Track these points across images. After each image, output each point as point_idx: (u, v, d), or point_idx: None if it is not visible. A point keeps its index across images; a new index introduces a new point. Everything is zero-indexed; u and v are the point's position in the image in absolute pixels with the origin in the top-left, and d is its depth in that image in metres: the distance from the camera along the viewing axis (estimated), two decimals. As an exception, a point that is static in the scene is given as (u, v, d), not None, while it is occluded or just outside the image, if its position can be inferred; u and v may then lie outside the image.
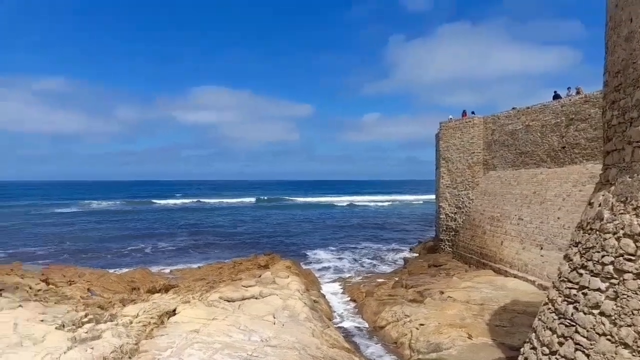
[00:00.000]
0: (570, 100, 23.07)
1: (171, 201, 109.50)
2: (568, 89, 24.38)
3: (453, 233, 31.16)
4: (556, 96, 24.92)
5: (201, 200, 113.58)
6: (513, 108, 26.97)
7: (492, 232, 26.03)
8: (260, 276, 23.58)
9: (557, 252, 20.45)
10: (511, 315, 17.05)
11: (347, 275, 32.32)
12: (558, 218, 21.31)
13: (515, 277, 21.80)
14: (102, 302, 20.60)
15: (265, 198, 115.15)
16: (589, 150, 21.64)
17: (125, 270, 29.22)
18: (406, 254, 40.10)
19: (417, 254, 38.03)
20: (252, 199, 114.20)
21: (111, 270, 29.44)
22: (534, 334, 8.65)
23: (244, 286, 21.17)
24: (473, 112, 31.24)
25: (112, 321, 17.54)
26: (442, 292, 20.62)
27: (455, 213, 31.18)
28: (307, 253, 40.94)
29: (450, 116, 32.70)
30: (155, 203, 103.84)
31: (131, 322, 17.62)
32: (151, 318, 18.10)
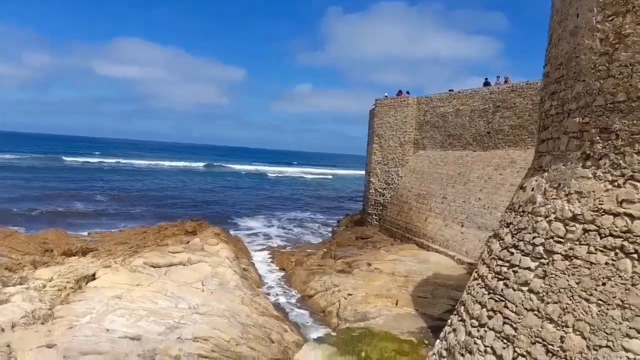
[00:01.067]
0: (498, 88, 24.34)
1: (89, 159, 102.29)
2: (497, 77, 25.73)
3: (381, 208, 32.21)
4: (486, 83, 26.18)
5: (122, 161, 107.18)
6: (450, 90, 27.91)
7: (417, 208, 27.24)
8: (188, 242, 22.90)
9: (475, 230, 21.90)
10: (433, 287, 18.08)
11: (276, 244, 32.40)
12: (479, 199, 22.72)
13: (437, 251, 23.10)
14: (9, 264, 18.89)
15: (194, 164, 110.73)
16: (511, 137, 23.11)
17: (36, 231, 26.97)
18: (334, 226, 40.95)
19: (344, 226, 38.97)
20: (179, 163, 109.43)
21: (20, 230, 27.04)
22: (462, 307, 9.17)
23: (170, 252, 20.45)
24: (408, 92, 32.02)
25: (22, 284, 16.20)
26: (369, 264, 21.35)
27: (384, 189, 32.17)
28: (237, 221, 40.41)
29: (386, 94, 33.28)
30: (70, 161, 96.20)
31: (44, 286, 16.39)
32: (67, 282, 16.96)
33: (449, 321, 9.95)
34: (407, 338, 13.71)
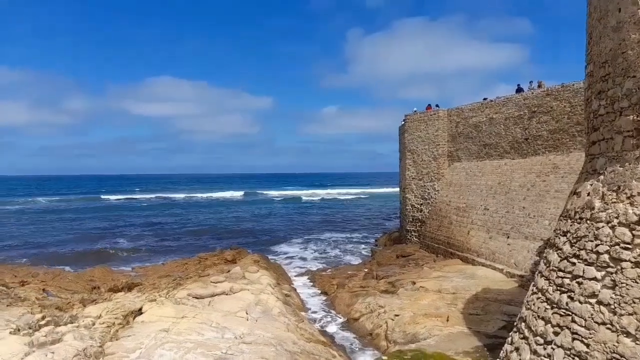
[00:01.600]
0: (532, 93, 23.69)
1: (127, 196, 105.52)
2: (530, 82, 25.07)
3: (419, 224, 31.55)
4: (519, 89, 25.55)
5: (161, 195, 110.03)
6: (484, 99, 27.34)
7: (458, 222, 26.51)
8: (229, 271, 22.95)
9: (523, 241, 21.04)
10: (484, 304, 17.34)
11: (315, 267, 32.12)
12: (523, 207, 21.90)
13: (483, 265, 22.28)
14: (60, 303, 19.40)
15: (228, 194, 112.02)
16: (550, 142, 22.31)
17: (82, 269, 27.71)
18: (372, 245, 40.39)
19: (382, 245, 38.37)
20: (214, 194, 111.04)
21: (67, 269, 27.88)
22: (523, 323, 8.68)
23: (212, 282, 20.51)
24: (437, 105, 31.63)
25: (72, 323, 16.51)
26: (414, 283, 20.77)
27: (421, 204, 31.56)
28: (274, 247, 40.44)
29: (415, 109, 32.99)
30: (109, 199, 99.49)
31: (94, 324, 16.65)
32: (115, 318, 17.18)
33: (509, 339, 9.43)
34: (462, 358, 13.10)
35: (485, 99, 27.49)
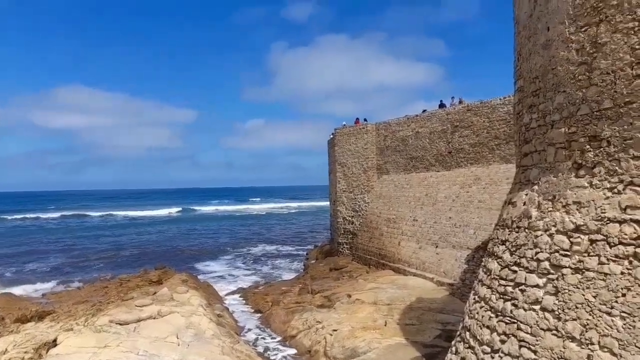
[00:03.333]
0: (454, 108, 25.01)
1: (37, 215, 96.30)
2: (452, 98, 26.48)
3: (351, 236, 31.86)
4: (441, 105, 26.87)
5: (74, 213, 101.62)
6: (406, 116, 28.41)
7: (389, 233, 27.09)
8: (155, 293, 21.48)
9: (450, 250, 21.90)
10: (418, 313, 17.68)
11: (247, 284, 31.16)
12: (450, 218, 22.85)
13: (414, 275, 22.85)
14: (-46, 341, 16.90)
15: (149, 212, 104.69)
16: (472, 155, 23.61)
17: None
18: (303, 258, 40.14)
19: (314, 259, 38.23)
20: (134, 213, 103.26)
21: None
22: (467, 332, 8.81)
23: (138, 306, 19.04)
24: (365, 119, 32.41)
25: (-29, 363, 14.44)
26: (349, 295, 20.75)
27: (352, 216, 31.94)
28: (201, 264, 38.77)
29: (344, 122, 33.52)
30: (13, 219, 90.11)
31: (-2, 361, 14.69)
32: (25, 353, 15.26)
33: (453, 349, 9.54)
34: (403, 370, 13.13)
35: (406, 116, 28.57)
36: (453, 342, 9.92)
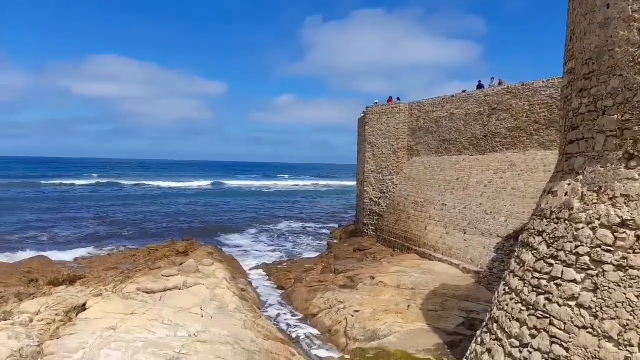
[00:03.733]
0: (493, 90, 24.03)
1: (72, 181, 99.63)
2: (492, 79, 25.47)
3: (377, 217, 31.55)
4: (480, 86, 25.89)
5: (107, 181, 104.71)
6: (442, 97, 27.45)
7: (416, 217, 26.65)
8: (181, 264, 21.85)
9: (479, 237, 21.34)
10: (442, 299, 17.39)
11: (271, 260, 31.45)
12: (480, 204, 22.21)
13: (440, 260, 22.46)
14: (-8, 298, 17.68)
15: (177, 184, 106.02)
16: (509, 140, 22.73)
17: (18, 259, 25.59)
18: (328, 238, 40.17)
19: (338, 238, 38.21)
20: (164, 183, 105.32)
21: (0, 259, 25.65)
22: (494, 324, 8.49)
23: (164, 276, 19.41)
24: (399, 99, 31.64)
25: (6, 320, 15.04)
26: (373, 277, 20.59)
27: (380, 198, 31.56)
28: (228, 238, 39.33)
29: (376, 101, 32.86)
30: (49, 184, 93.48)
31: (31, 321, 15.24)
32: (56, 315, 15.82)
33: (478, 339, 9.25)
34: (424, 357, 12.96)
35: (443, 97, 27.59)
36: (478, 333, 9.63)
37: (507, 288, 8.76)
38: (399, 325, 15.50)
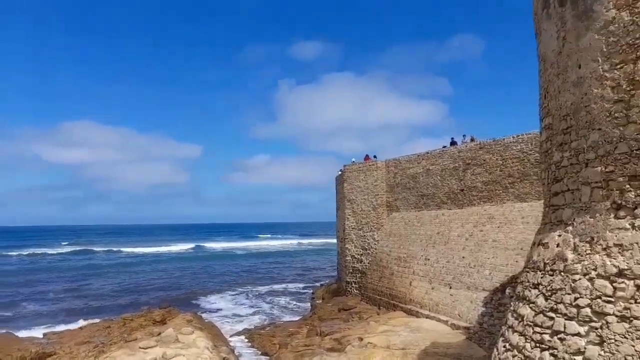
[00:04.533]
0: (466, 146, 24.86)
1: (35, 250, 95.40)
2: (463, 136, 26.40)
3: (360, 275, 31.11)
4: (453, 142, 26.76)
5: (78, 248, 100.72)
6: (417, 154, 28.22)
7: (400, 272, 26.40)
8: (159, 334, 20.71)
9: (465, 291, 21.18)
10: (434, 359, 16.87)
11: (252, 325, 30.28)
12: (463, 257, 22.24)
13: (427, 317, 22.04)
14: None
15: (149, 249, 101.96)
16: (485, 193, 23.24)
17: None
18: (309, 297, 39.18)
19: (321, 298, 37.28)
20: (139, 249, 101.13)
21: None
22: (499, 383, 8.20)
23: (142, 348, 18.33)
24: (375, 156, 32.34)
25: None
26: (361, 339, 19.92)
27: (361, 254, 31.30)
28: (206, 302, 37.94)
29: (353, 159, 33.44)
30: (13, 255, 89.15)
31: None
32: (23, 399, 14.57)
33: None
34: (424, 422, 12.32)
35: (418, 153, 28.30)
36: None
37: (507, 345, 8.56)
38: (393, 390, 14.85)
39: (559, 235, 8.11)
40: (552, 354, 7.10)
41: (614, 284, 6.57)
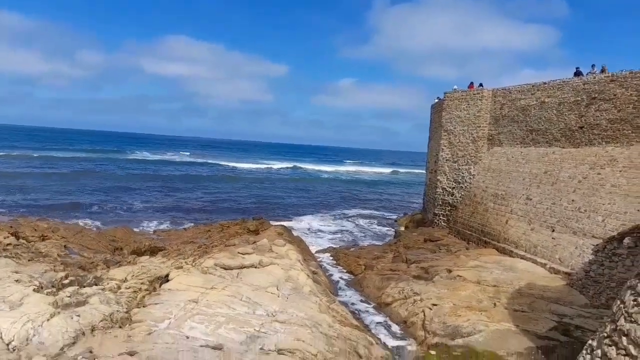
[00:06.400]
0: (594, 77, 21.93)
1: (144, 155, 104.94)
2: (592, 66, 23.22)
3: (449, 208, 30.29)
4: (577, 73, 23.75)
5: (174, 157, 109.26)
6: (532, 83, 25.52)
7: (495, 210, 25.19)
8: (254, 243, 22.05)
9: (570, 236, 19.74)
10: (529, 300, 16.23)
11: (336, 244, 31.24)
12: (572, 200, 20.50)
13: (522, 258, 21.07)
14: (83, 262, 18.73)
15: (239, 165, 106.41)
16: (609, 132, 20.70)
17: (104, 227, 27.06)
18: (393, 225, 39.39)
19: (403, 226, 37.37)
20: (231, 164, 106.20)
21: (87, 225, 27.25)
22: (625, 337, 7.51)
23: (240, 253, 19.61)
24: (481, 84, 29.90)
25: (97, 285, 15.76)
26: (449, 270, 19.70)
27: (454, 188, 30.21)
28: (292, 220, 39.57)
29: (455, 87, 31.28)
30: (125, 157, 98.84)
31: (119, 288, 15.89)
32: (142, 284, 16.40)
33: (596, 351, 8.29)
34: (516, 360, 12.08)
35: (534, 84, 25.50)
36: (593, 343, 8.65)
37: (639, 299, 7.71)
38: (484, 324, 14.64)
39: None
40: None
41: None
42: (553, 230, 20.65)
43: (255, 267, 18.20)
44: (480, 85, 29.67)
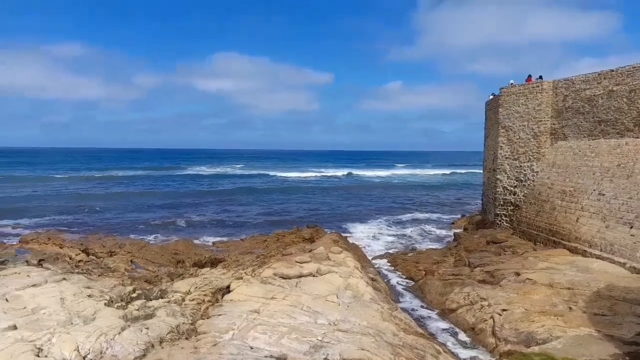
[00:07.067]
0: (667, 60, 20.17)
1: (200, 170, 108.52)
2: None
3: (512, 208, 28.84)
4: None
5: (226, 170, 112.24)
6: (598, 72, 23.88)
7: (564, 207, 23.68)
8: (311, 251, 21.94)
9: (652, 232, 18.14)
10: (610, 303, 15.01)
11: (393, 250, 30.57)
12: (652, 194, 18.85)
13: (598, 258, 19.60)
14: (148, 276, 19.36)
15: (290, 175, 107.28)
16: (690, 117, 18.92)
17: (165, 241, 27.98)
18: (450, 228, 38.13)
19: (462, 228, 36.04)
20: (282, 173, 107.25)
21: (149, 240, 28.29)
22: None
23: (298, 262, 19.54)
24: (540, 77, 28.39)
25: (162, 298, 16.21)
26: (517, 274, 18.63)
27: (515, 186, 28.77)
28: (345, 226, 39.24)
29: (512, 81, 29.86)
30: (182, 173, 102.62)
31: (183, 300, 16.26)
32: (204, 295, 16.73)
33: None
34: (603, 370, 11.10)
35: (600, 72, 23.85)
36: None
37: None
38: (561, 330, 13.66)
39: None
40: None
41: None
42: (632, 227, 19.06)
43: (314, 276, 18.05)
44: (540, 77, 28.17)
